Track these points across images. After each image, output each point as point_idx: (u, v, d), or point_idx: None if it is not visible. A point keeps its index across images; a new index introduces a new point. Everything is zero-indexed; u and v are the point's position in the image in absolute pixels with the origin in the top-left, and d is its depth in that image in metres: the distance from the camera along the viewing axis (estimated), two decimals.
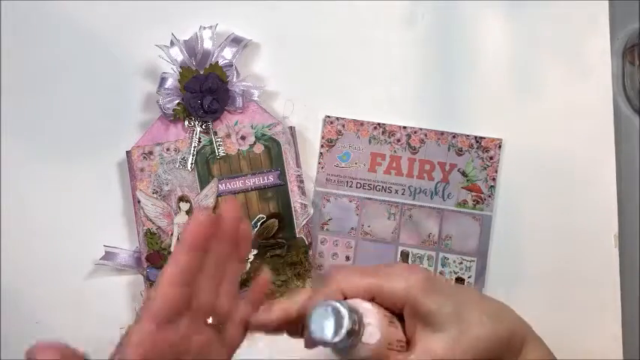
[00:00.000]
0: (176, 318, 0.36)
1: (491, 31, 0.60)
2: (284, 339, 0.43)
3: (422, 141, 0.59)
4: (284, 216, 0.56)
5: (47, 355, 0.36)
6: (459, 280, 0.58)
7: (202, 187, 0.56)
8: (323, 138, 0.59)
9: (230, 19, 0.59)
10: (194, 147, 0.56)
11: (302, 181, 0.57)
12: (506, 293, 0.58)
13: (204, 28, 0.57)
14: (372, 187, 0.58)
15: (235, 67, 0.57)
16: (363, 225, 0.58)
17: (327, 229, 0.58)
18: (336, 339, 0.34)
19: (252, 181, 0.56)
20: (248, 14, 0.60)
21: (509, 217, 0.58)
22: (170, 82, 0.57)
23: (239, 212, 0.38)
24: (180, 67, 0.56)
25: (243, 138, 0.56)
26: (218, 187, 0.56)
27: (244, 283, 0.55)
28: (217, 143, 0.56)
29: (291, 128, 0.57)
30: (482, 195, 0.58)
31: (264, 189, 0.56)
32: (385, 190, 0.58)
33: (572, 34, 0.60)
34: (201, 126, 0.56)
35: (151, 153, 0.56)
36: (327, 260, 0.58)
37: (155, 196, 0.56)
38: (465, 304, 0.37)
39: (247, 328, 0.41)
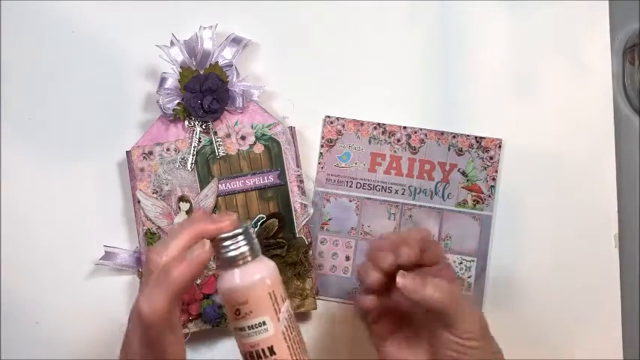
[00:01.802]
0: None
1: (491, 31, 0.60)
2: None
3: (422, 141, 0.59)
4: (284, 216, 0.56)
5: None
6: (459, 281, 0.58)
7: (202, 187, 0.56)
8: (323, 138, 0.59)
9: (230, 19, 0.59)
10: (194, 147, 0.56)
11: (302, 181, 0.57)
12: (507, 293, 0.58)
13: (204, 28, 0.57)
14: (372, 187, 0.58)
15: (235, 67, 0.57)
16: (363, 225, 0.58)
17: (327, 229, 0.58)
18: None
19: (252, 181, 0.56)
20: (248, 14, 0.60)
21: (509, 217, 0.58)
22: (170, 82, 0.57)
23: None
24: (180, 67, 0.56)
25: (243, 138, 0.56)
26: (218, 187, 0.56)
27: None
28: (217, 143, 0.56)
29: (291, 128, 0.57)
30: (482, 195, 0.58)
31: (264, 189, 0.56)
32: (385, 190, 0.58)
33: (572, 34, 0.60)
34: (201, 126, 0.56)
35: (150, 153, 0.56)
36: (327, 260, 0.58)
37: (155, 196, 0.56)
38: None
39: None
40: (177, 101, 0.56)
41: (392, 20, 0.60)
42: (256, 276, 0.37)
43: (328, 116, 0.59)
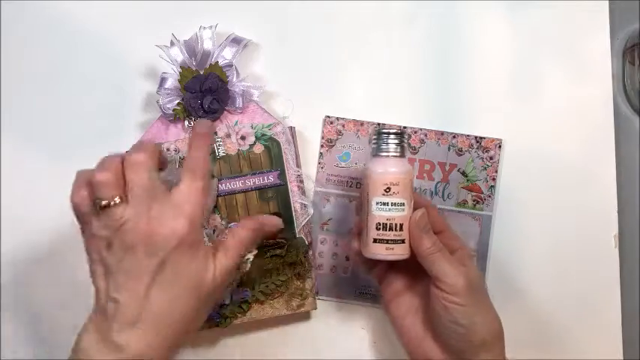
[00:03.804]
0: None
1: (491, 31, 0.60)
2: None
3: (422, 141, 0.59)
4: (284, 216, 0.56)
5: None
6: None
7: None
8: (323, 138, 0.59)
9: (230, 19, 0.59)
10: None
11: (302, 181, 0.57)
12: (507, 293, 0.58)
13: (204, 28, 0.57)
14: None
15: (235, 67, 0.57)
16: None
17: (327, 229, 0.58)
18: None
19: (252, 181, 0.56)
20: (248, 14, 0.60)
21: (509, 217, 0.58)
22: (170, 82, 0.57)
23: None
24: (180, 67, 0.56)
25: (243, 138, 0.56)
26: (218, 187, 0.56)
27: (243, 283, 0.55)
28: (217, 143, 0.56)
29: (291, 128, 0.57)
30: (482, 195, 0.58)
31: (264, 189, 0.56)
32: None
33: (572, 34, 0.60)
34: None
35: None
36: (327, 260, 0.58)
37: None
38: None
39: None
40: (178, 101, 0.56)
41: (392, 20, 0.60)
42: (408, 167, 0.47)
43: (328, 116, 0.59)
